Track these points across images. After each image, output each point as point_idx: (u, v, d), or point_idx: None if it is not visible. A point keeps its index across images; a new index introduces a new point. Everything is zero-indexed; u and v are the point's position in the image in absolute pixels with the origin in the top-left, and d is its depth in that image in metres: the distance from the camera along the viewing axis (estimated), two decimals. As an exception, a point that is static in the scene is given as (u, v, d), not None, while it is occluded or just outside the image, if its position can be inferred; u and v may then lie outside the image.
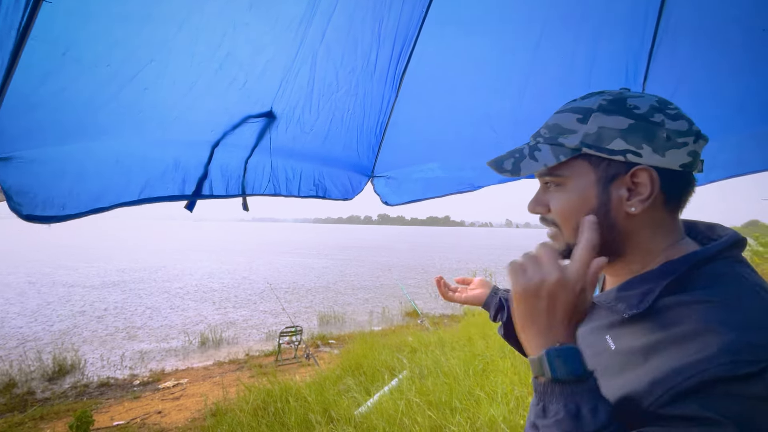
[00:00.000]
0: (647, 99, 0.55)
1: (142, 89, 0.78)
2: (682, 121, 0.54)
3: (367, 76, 1.14)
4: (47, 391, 6.40)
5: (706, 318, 0.47)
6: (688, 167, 0.53)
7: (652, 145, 0.53)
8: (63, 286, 15.82)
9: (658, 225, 0.56)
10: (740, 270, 0.52)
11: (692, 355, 0.45)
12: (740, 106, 1.28)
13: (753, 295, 0.48)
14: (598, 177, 0.56)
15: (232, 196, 1.06)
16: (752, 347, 0.43)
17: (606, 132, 0.55)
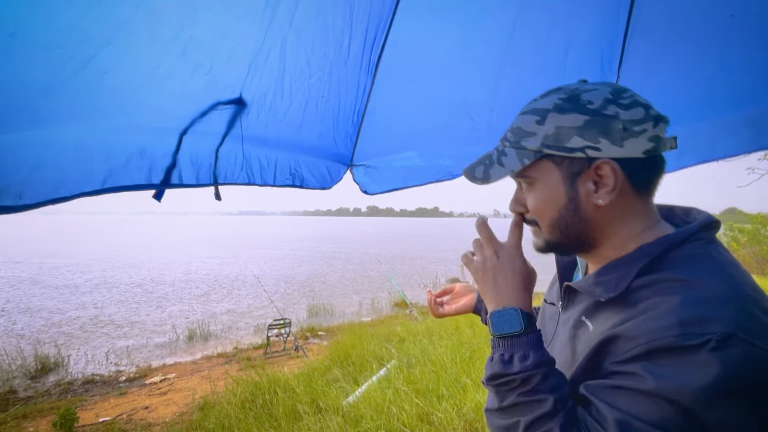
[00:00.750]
0: (601, 91, 0.56)
1: (100, 73, 0.75)
2: (637, 108, 0.54)
3: (340, 62, 1.13)
4: (30, 389, 6.28)
5: (668, 294, 0.49)
6: (652, 152, 0.54)
7: (609, 138, 0.54)
8: (35, 284, 15.45)
9: (629, 212, 0.58)
10: (710, 250, 0.53)
11: (647, 325, 0.48)
12: (708, 93, 1.31)
13: (717, 273, 0.50)
14: (563, 175, 0.58)
15: (203, 185, 1.04)
16: (702, 321, 0.45)
17: (563, 131, 0.57)
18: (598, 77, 1.38)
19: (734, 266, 0.52)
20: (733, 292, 0.47)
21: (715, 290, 0.48)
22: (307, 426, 3.50)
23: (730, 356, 0.43)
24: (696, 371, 0.43)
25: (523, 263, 0.63)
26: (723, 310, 0.45)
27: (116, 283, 15.67)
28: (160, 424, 4.70)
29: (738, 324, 0.44)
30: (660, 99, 1.41)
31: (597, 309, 0.58)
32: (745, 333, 0.44)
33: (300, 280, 17.21)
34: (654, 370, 0.45)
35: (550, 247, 0.64)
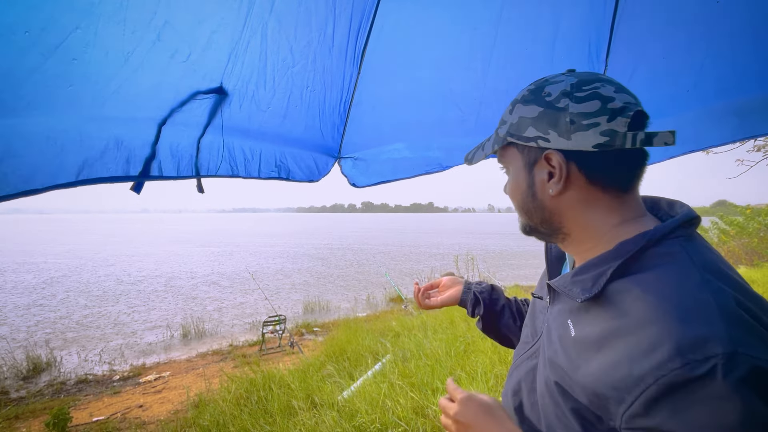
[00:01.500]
0: (563, 83, 0.57)
1: (69, 59, 0.72)
2: (591, 102, 0.54)
3: (325, 51, 1.10)
4: (22, 390, 6.22)
5: (653, 308, 0.47)
6: (606, 146, 0.53)
7: (556, 130, 0.56)
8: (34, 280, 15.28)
9: (592, 204, 0.58)
10: (689, 249, 0.51)
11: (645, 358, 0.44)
12: (695, 82, 1.30)
13: (697, 281, 0.47)
14: (524, 162, 0.62)
15: (184, 177, 1.02)
16: (698, 343, 0.42)
17: (523, 121, 0.60)
18: (586, 66, 1.37)
19: (713, 265, 0.50)
20: (716, 300, 0.45)
21: (699, 301, 0.45)
22: (302, 421, 3.50)
23: (743, 382, 0.39)
24: (719, 410, 0.40)
25: (479, 406, 0.64)
26: (714, 326, 0.43)
27: (99, 282, 15.55)
28: (154, 423, 4.68)
29: (734, 339, 0.42)
30: (648, 88, 1.41)
31: (578, 311, 0.57)
32: (745, 348, 0.41)
33: (295, 276, 17.17)
34: (676, 419, 0.41)
35: (525, 229, 0.66)
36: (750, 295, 0.47)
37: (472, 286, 1.06)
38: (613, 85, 0.56)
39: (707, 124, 1.35)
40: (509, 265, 19.35)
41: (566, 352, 0.55)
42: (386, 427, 3.22)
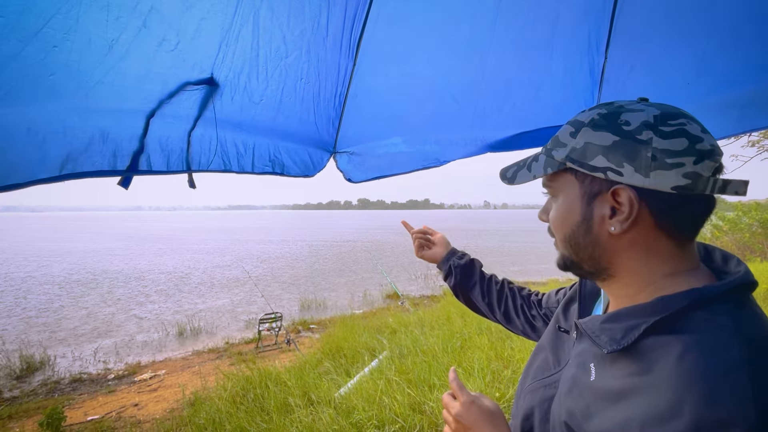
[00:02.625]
0: (645, 113, 0.52)
1: (50, 47, 0.68)
2: (679, 139, 0.49)
3: (319, 41, 1.07)
4: (15, 389, 6.16)
5: (682, 376, 0.44)
6: (687, 190, 0.49)
7: (633, 165, 0.51)
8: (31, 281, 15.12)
9: (651, 250, 0.53)
10: (740, 319, 0.47)
11: (658, 425, 0.42)
12: (696, 74, 1.28)
13: (738, 358, 0.44)
14: (582, 192, 0.56)
15: (175, 171, 0.98)
16: (719, 427, 0.40)
17: (591, 147, 0.54)
18: (586, 58, 1.35)
19: (762, 341, 0.46)
20: (752, 384, 0.42)
21: (734, 381, 0.42)
22: (298, 418, 3.49)
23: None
24: None
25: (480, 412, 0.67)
26: (741, 412, 0.40)
27: (102, 280, 15.42)
28: (150, 421, 4.65)
29: (759, 425, 0.39)
30: (648, 80, 1.39)
31: (604, 359, 0.53)
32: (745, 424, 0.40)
33: (291, 273, 17.13)
34: None
35: (565, 264, 0.61)
36: None
37: (453, 257, 1.15)
38: (699, 125, 0.51)
39: (707, 117, 1.32)
40: (503, 262, 19.42)
41: (582, 397, 0.53)
42: (383, 424, 3.22)
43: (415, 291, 12.83)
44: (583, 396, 0.53)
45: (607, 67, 1.39)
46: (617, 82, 1.41)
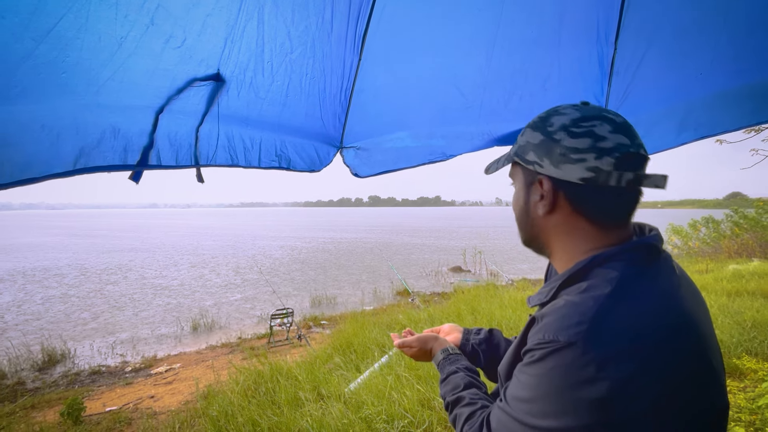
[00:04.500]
0: (566, 117, 0.62)
1: (62, 45, 0.71)
2: (584, 139, 0.59)
3: (323, 36, 1.08)
4: (37, 380, 6.38)
5: (551, 311, 0.56)
6: (592, 181, 0.58)
7: (549, 159, 0.62)
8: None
9: (572, 231, 0.64)
10: (626, 271, 0.56)
11: (532, 337, 0.58)
12: (710, 64, 1.25)
13: (600, 293, 0.54)
14: (524, 181, 0.68)
15: (183, 166, 1.01)
16: (553, 335, 0.53)
17: (527, 145, 0.66)
18: (595, 49, 1.33)
19: (632, 288, 0.54)
20: (593, 316, 0.52)
21: (585, 310, 0.53)
22: (309, 412, 3.53)
23: (561, 357, 0.52)
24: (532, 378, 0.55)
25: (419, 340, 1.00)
26: (578, 332, 0.51)
27: (111, 281, 15.80)
28: (165, 413, 4.77)
29: (582, 335, 0.51)
30: (659, 71, 1.36)
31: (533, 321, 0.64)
32: (583, 345, 0.50)
33: (302, 270, 17.28)
34: (519, 371, 0.59)
35: (523, 242, 0.73)
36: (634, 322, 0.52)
37: (470, 336, 1.03)
38: (611, 125, 0.59)
39: (721, 108, 1.30)
40: (517, 258, 19.23)
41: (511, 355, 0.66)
42: (392, 419, 3.24)
43: (425, 288, 12.82)
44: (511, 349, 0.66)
45: (616, 59, 1.37)
46: (627, 74, 1.39)
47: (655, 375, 0.49)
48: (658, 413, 0.49)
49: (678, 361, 0.50)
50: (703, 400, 0.52)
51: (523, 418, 0.55)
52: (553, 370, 0.52)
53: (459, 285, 12.10)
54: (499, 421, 0.59)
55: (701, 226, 16.53)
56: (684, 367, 0.51)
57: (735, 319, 4.99)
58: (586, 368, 0.49)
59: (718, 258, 13.79)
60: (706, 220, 16.36)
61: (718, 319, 5.07)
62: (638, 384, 0.48)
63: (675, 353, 0.50)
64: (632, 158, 0.57)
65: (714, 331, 0.61)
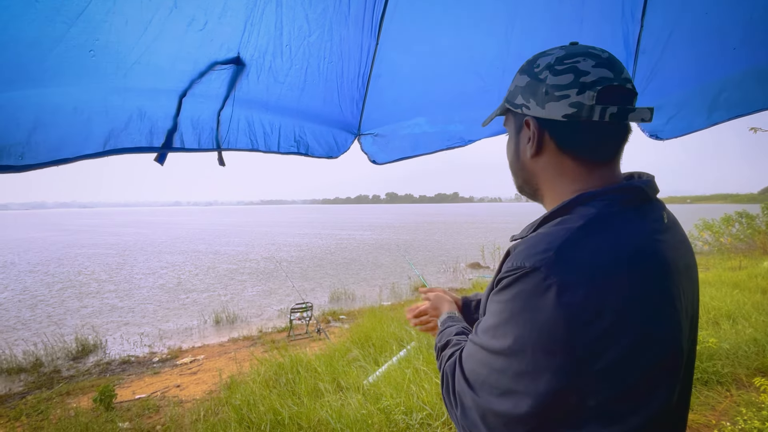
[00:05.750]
0: (551, 57, 0.61)
1: (92, 28, 0.74)
2: (566, 75, 0.58)
3: (341, 19, 1.08)
4: (72, 369, 6.70)
5: (523, 242, 0.58)
6: (574, 117, 0.58)
7: (535, 99, 0.61)
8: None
9: (560, 172, 0.64)
10: (603, 210, 0.56)
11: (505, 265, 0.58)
12: (742, 38, 1.18)
13: (571, 226, 0.55)
14: (514, 126, 0.69)
15: (205, 149, 1.03)
16: (520, 262, 0.54)
17: (516, 89, 0.66)
18: (620, 27, 1.28)
19: (604, 223, 0.55)
20: (560, 244, 0.53)
21: (552, 240, 0.54)
22: (328, 403, 3.58)
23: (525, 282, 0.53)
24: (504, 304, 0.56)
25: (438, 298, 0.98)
26: (543, 259, 0.52)
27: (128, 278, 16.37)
28: (191, 401, 4.93)
29: (545, 261, 0.52)
30: (689, 47, 1.30)
31: None
32: (546, 270, 0.51)
33: (321, 266, 17.47)
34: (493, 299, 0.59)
35: (518, 189, 0.74)
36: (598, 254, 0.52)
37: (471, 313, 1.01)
38: (595, 60, 0.58)
39: (755, 85, 1.24)
40: (537, 254, 18.78)
41: None
42: (411, 411, 3.24)
43: (443, 284, 12.74)
44: None
45: (643, 36, 1.31)
46: (654, 52, 1.33)
47: (611, 305, 0.50)
48: (611, 342, 0.50)
49: (635, 296, 0.51)
50: (659, 338, 0.52)
51: (485, 343, 0.57)
52: (517, 294, 0.54)
53: (477, 281, 11.97)
54: (468, 353, 0.61)
55: (735, 221, 15.76)
56: (640, 303, 0.51)
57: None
58: (546, 293, 0.50)
59: (752, 254, 13.14)
60: (740, 214, 15.58)
61: (753, 316, 4.84)
62: (592, 311, 0.49)
63: (632, 287, 0.51)
64: (615, 91, 0.57)
65: (697, 286, 0.63)
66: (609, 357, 0.50)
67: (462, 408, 0.60)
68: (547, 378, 0.51)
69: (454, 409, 0.63)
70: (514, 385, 0.53)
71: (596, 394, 0.50)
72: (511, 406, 0.53)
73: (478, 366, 0.58)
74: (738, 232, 15.61)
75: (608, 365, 0.50)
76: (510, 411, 0.53)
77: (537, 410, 0.51)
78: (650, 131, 1.52)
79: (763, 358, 3.72)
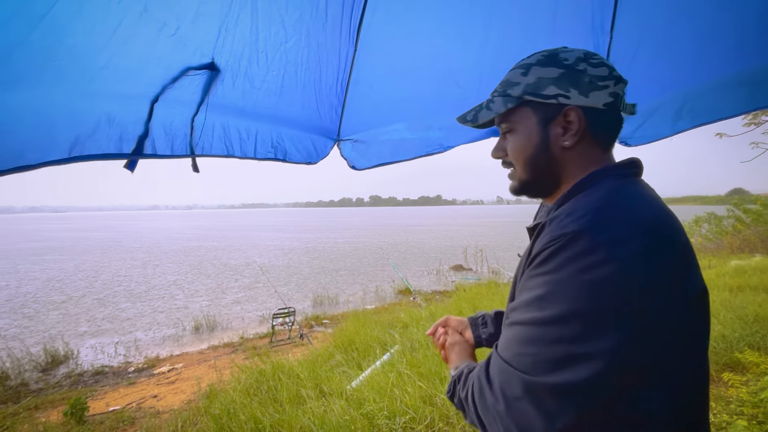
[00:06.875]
0: (575, 52, 0.66)
1: (56, 32, 0.71)
2: (603, 68, 0.65)
3: (318, 25, 1.08)
4: (41, 381, 6.40)
5: (554, 217, 0.60)
6: (611, 106, 0.64)
7: (578, 89, 0.64)
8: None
9: (588, 158, 0.67)
10: (617, 182, 0.63)
11: (547, 235, 0.59)
12: (704, 51, 1.24)
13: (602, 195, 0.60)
14: (538, 119, 0.68)
15: (179, 156, 1.01)
16: (561, 231, 0.56)
17: (542, 81, 0.67)
18: (590, 38, 1.32)
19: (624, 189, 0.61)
20: (597, 206, 0.58)
21: (587, 204, 0.59)
22: (311, 409, 3.53)
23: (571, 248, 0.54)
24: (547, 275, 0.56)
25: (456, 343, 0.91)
26: (582, 218, 0.56)
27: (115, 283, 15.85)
28: (168, 412, 4.78)
29: (588, 223, 0.55)
30: (654, 59, 1.36)
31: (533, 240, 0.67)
32: (592, 230, 0.54)
33: (304, 270, 17.30)
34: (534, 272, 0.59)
35: (523, 187, 0.73)
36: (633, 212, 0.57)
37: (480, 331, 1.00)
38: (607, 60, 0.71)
39: (716, 95, 1.30)
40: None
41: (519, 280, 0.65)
42: (394, 415, 3.23)
43: (427, 286, 12.81)
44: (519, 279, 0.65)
45: (612, 47, 1.36)
46: (623, 63, 1.38)
47: (657, 256, 0.52)
48: (662, 292, 0.52)
49: (674, 248, 0.55)
50: (693, 282, 0.56)
51: (531, 317, 0.55)
52: (565, 261, 0.54)
53: (460, 283, 12.08)
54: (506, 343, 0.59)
55: (704, 222, 16.46)
56: (679, 255, 0.55)
57: (737, 314, 4.97)
58: (596, 250, 0.52)
59: (720, 254, 13.74)
60: (709, 215, 16.29)
61: (721, 314, 5.05)
62: (643, 263, 0.51)
63: (670, 239, 0.55)
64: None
65: None
66: (660, 307, 0.51)
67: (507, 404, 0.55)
68: (610, 335, 0.50)
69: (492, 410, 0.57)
70: (575, 349, 0.51)
71: (653, 349, 0.51)
72: (571, 375, 0.51)
73: (523, 347, 0.56)
74: (707, 233, 16.30)
75: (660, 317, 0.51)
76: (570, 380, 0.51)
77: (601, 372, 0.50)
78: (619, 138, 1.58)
79: (731, 353, 3.88)
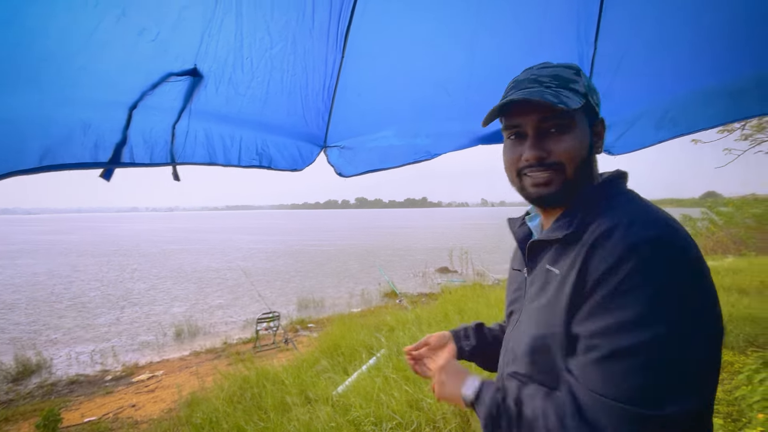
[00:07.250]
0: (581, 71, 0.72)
1: (26, 35, 0.67)
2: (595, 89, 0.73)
3: (305, 32, 1.06)
4: (11, 392, 6.12)
5: (610, 228, 0.59)
6: (602, 121, 0.73)
7: (598, 102, 0.72)
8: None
9: (596, 168, 0.73)
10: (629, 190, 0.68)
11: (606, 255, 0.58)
12: (687, 65, 1.28)
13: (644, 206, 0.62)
14: (588, 123, 0.70)
15: (159, 164, 0.97)
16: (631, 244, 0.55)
17: (593, 90, 0.72)
18: (575, 49, 1.34)
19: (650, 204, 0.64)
20: (654, 214, 0.60)
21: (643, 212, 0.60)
22: (296, 416, 3.48)
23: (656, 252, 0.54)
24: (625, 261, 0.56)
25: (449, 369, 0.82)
26: (651, 225, 0.57)
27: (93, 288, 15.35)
28: (147, 422, 4.64)
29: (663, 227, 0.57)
30: (637, 71, 1.38)
31: (558, 255, 0.66)
32: (668, 236, 0.55)
33: (289, 273, 17.10)
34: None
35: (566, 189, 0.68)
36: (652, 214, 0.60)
37: (463, 344, 1.02)
38: None
39: (696, 107, 1.34)
40: (504, 258, 19.45)
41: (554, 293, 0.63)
42: (381, 421, 3.21)
43: (412, 289, 12.84)
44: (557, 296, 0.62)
45: (596, 59, 1.38)
46: (608, 74, 1.41)
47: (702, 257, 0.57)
48: (713, 289, 0.55)
49: None
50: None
51: (634, 342, 0.50)
52: (649, 273, 0.52)
53: (446, 285, 12.15)
54: (603, 377, 0.52)
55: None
56: None
57: (712, 314, 5.15)
58: (678, 256, 0.53)
59: (695, 255, 14.19)
60: (684, 218, 16.87)
61: (697, 314, 5.22)
62: (703, 262, 0.56)
63: None
64: None
65: None
66: (718, 309, 0.54)
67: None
68: (708, 338, 0.52)
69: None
70: (693, 367, 0.50)
71: (708, 352, 0.52)
72: (699, 395, 0.51)
73: (639, 377, 0.50)
74: (683, 235, 16.82)
75: (718, 315, 0.54)
76: (701, 402, 0.51)
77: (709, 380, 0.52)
78: (603, 147, 1.61)
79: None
